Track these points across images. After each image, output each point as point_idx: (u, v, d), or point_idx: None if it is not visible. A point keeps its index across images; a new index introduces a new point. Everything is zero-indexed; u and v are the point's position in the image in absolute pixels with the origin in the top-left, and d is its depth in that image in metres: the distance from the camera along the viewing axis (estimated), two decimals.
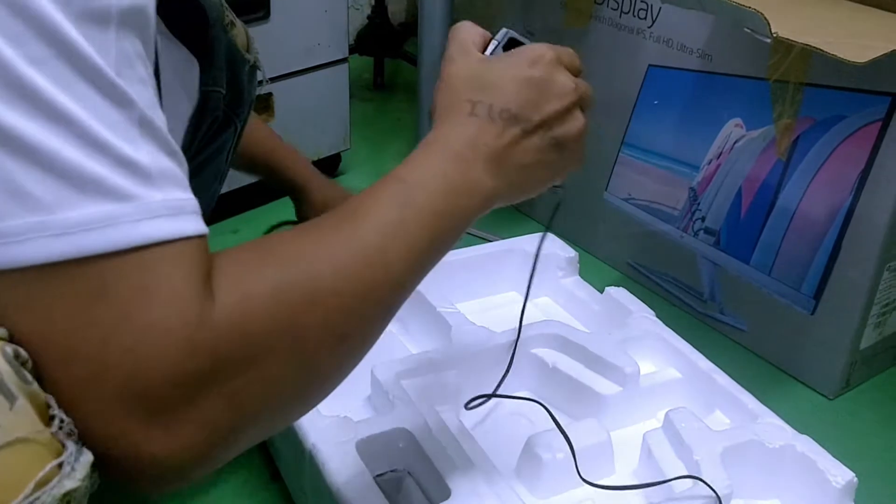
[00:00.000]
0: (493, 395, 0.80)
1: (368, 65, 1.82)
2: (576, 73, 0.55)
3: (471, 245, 1.03)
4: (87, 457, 0.36)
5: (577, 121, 0.54)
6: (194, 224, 0.39)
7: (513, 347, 0.82)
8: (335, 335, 0.42)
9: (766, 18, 0.83)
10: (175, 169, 0.39)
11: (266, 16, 1.21)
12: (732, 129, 1.03)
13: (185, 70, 0.69)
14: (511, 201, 0.54)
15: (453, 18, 1.35)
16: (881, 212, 0.90)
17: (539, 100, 0.52)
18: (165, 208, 0.37)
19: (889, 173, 0.88)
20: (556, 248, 0.99)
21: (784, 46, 0.91)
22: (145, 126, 0.38)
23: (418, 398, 0.75)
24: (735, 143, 1.03)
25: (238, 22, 0.77)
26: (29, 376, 0.35)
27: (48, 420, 0.35)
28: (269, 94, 1.27)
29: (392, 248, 0.44)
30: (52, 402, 0.35)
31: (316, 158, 1.39)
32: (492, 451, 0.72)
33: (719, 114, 1.04)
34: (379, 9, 1.76)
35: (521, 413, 0.83)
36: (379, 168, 1.50)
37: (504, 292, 1.01)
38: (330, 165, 1.44)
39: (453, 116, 0.51)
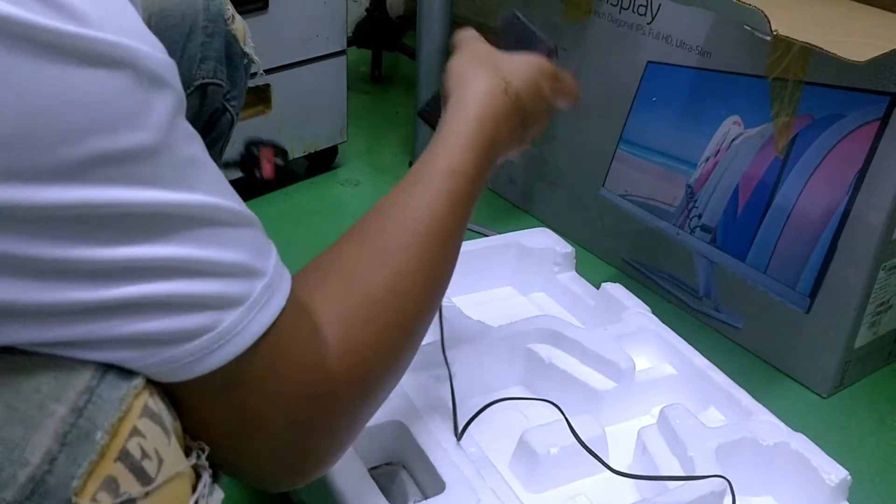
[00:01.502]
0: (506, 399, 0.79)
1: (366, 57, 1.81)
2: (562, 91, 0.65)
3: (468, 240, 1.03)
4: (219, 494, 0.42)
5: (545, 121, 0.64)
6: (287, 279, 0.42)
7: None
8: (417, 339, 0.50)
9: (766, 16, 0.83)
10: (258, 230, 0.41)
11: (265, 6, 1.20)
12: (730, 126, 1.03)
13: None
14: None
15: (452, 12, 1.34)
16: (878, 211, 0.90)
17: (538, 104, 0.61)
18: (262, 294, 0.39)
19: (887, 173, 0.89)
20: (553, 244, 0.99)
21: (784, 44, 0.91)
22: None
23: (413, 391, 0.75)
24: (733, 140, 1.03)
25: (237, 16, 0.77)
26: (174, 412, 0.39)
27: (187, 452, 0.40)
28: (267, 86, 1.27)
29: (438, 242, 0.50)
30: (188, 439, 0.40)
31: (313, 150, 1.38)
32: (486, 445, 0.72)
33: (717, 111, 1.04)
34: (377, 1, 1.76)
35: (514, 407, 0.83)
36: (375, 161, 1.50)
37: (500, 287, 1.01)
38: (327, 158, 1.44)
39: (488, 92, 0.57)
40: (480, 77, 0.57)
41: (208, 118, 0.76)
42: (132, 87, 0.33)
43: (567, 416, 0.74)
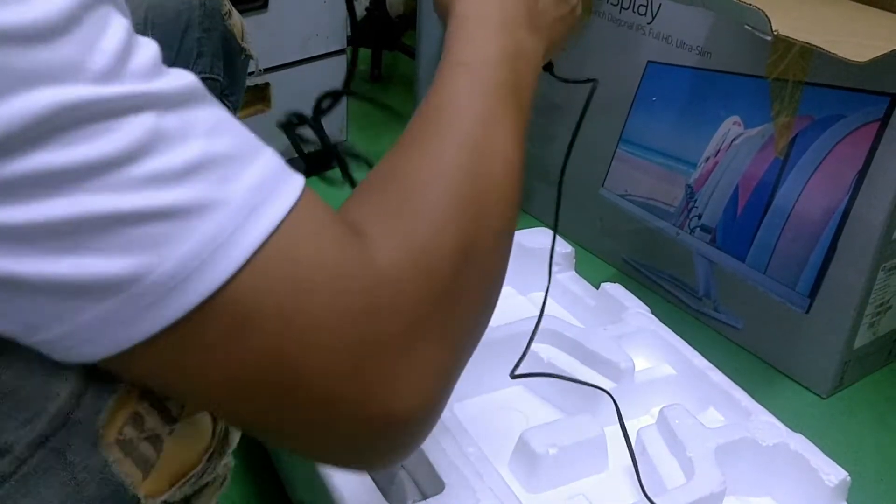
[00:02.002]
0: (555, 375, 0.78)
1: (366, 56, 1.81)
2: None
3: None
4: (236, 435, 0.39)
5: None
6: (294, 175, 0.35)
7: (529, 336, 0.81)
8: (491, 233, 0.41)
9: (766, 16, 0.83)
10: (216, 109, 0.34)
11: (265, 5, 1.20)
12: (730, 126, 1.03)
13: None
14: (550, 55, 0.55)
15: None
16: (877, 212, 0.90)
17: None
18: (252, 196, 0.32)
19: (886, 173, 0.88)
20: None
21: (784, 44, 0.91)
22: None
23: None
24: (733, 140, 1.03)
25: (235, 12, 0.77)
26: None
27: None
28: (267, 84, 1.27)
29: (494, 133, 0.43)
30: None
31: (312, 150, 1.38)
32: (485, 445, 0.72)
33: (717, 111, 1.04)
34: (377, 1, 1.75)
35: (514, 407, 0.83)
36: (375, 161, 1.50)
37: None
38: (326, 157, 1.44)
39: None
40: None
41: None
42: None
43: (564, 415, 0.74)
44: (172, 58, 0.71)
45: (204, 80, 0.73)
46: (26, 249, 0.29)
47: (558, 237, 1.01)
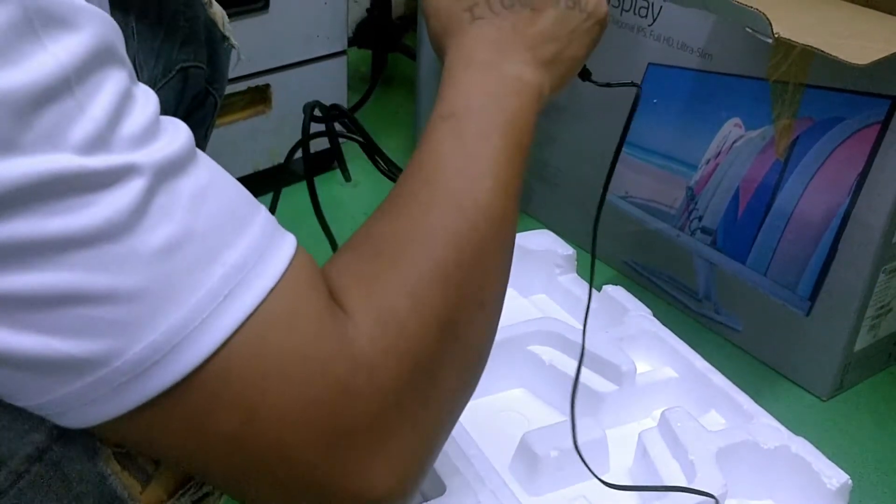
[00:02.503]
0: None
1: (366, 57, 1.81)
2: None
3: None
4: None
5: None
6: (281, 248, 0.34)
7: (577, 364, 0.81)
8: (476, 303, 0.39)
9: (767, 18, 0.83)
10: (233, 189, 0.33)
11: (265, 6, 1.20)
12: (731, 128, 1.03)
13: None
14: (564, 81, 0.50)
15: None
16: (878, 214, 0.90)
17: None
18: (228, 278, 0.31)
19: (887, 176, 0.88)
20: (554, 245, 0.99)
21: (785, 46, 0.91)
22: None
23: None
24: (734, 142, 1.03)
25: (214, 1, 0.78)
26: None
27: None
28: (267, 86, 1.27)
29: (478, 187, 0.41)
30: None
31: (313, 151, 1.38)
32: (487, 447, 0.72)
33: (718, 113, 1.04)
34: (378, 2, 1.75)
35: (515, 409, 0.83)
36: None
37: None
38: (326, 158, 1.44)
39: (458, 33, 0.48)
40: (461, 34, 0.48)
41: (191, 101, 0.77)
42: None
43: (566, 417, 0.74)
44: (157, 47, 0.72)
45: (189, 68, 0.74)
46: None
47: (559, 239, 1.02)
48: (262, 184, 1.28)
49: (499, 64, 0.46)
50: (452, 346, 0.38)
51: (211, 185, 0.33)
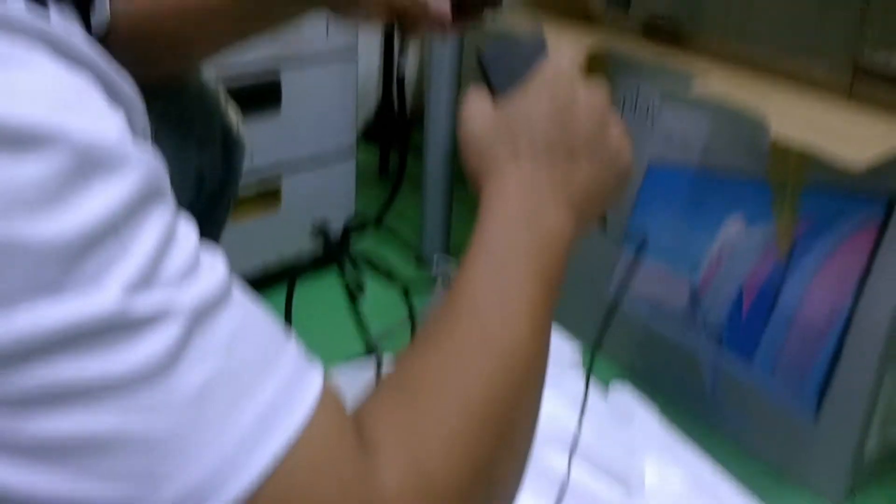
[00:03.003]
0: None
1: (375, 154, 1.85)
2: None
3: None
4: None
5: (614, 128, 0.50)
6: (309, 386, 0.34)
7: None
8: (508, 445, 0.39)
9: (765, 121, 0.86)
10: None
11: (278, 107, 1.24)
12: (733, 227, 1.04)
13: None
14: (587, 228, 0.52)
15: (456, 113, 1.38)
16: (882, 315, 0.90)
17: (572, 123, 0.49)
18: (260, 422, 0.31)
19: (888, 276, 0.89)
20: (560, 342, 0.99)
21: (783, 147, 0.93)
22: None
23: None
24: (736, 242, 1.04)
25: (231, 104, 0.81)
26: None
27: None
28: (278, 184, 1.29)
29: (514, 331, 0.41)
30: None
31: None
32: None
33: (719, 212, 1.05)
34: (386, 100, 1.80)
35: None
36: (381, 262, 1.51)
37: None
38: (334, 253, 1.45)
39: (498, 170, 0.48)
40: (500, 172, 0.48)
41: (207, 202, 0.79)
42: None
43: None
44: (175, 149, 0.74)
45: (205, 169, 0.77)
46: (23, 462, 0.29)
47: (566, 335, 1.02)
48: (269, 280, 1.29)
49: (536, 209, 0.46)
50: (484, 490, 0.37)
51: (244, 324, 0.33)
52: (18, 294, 0.28)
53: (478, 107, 0.50)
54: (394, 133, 1.82)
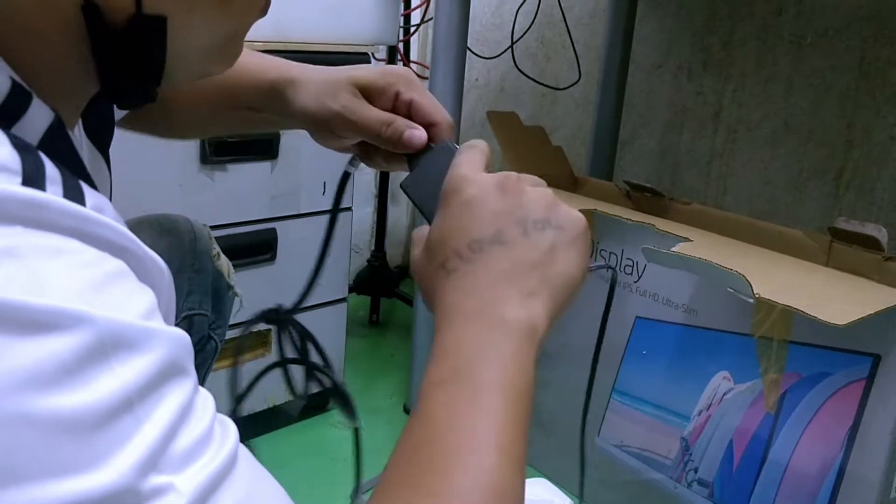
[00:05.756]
0: None
1: (365, 303, 1.87)
2: None
3: None
4: None
5: (534, 194, 0.47)
6: None
7: None
8: None
9: (747, 280, 0.89)
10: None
11: (273, 258, 1.27)
12: (721, 381, 1.05)
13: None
14: (562, 303, 0.48)
15: None
16: (873, 470, 0.90)
17: (513, 206, 0.46)
18: None
19: (877, 431, 0.90)
20: (552, 496, 0.98)
21: (766, 305, 0.96)
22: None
23: None
24: (724, 395, 1.05)
25: (222, 254, 0.84)
26: None
27: None
28: (269, 330, 1.30)
29: (480, 466, 0.37)
30: None
31: (310, 392, 1.40)
32: None
33: (707, 366, 1.07)
34: (378, 252, 1.85)
35: None
36: (370, 403, 1.51)
37: None
38: (323, 399, 1.45)
39: (437, 289, 0.46)
40: (441, 289, 0.45)
41: (194, 346, 0.80)
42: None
43: None
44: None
45: (193, 315, 0.79)
46: None
47: (557, 489, 1.00)
48: (252, 423, 1.28)
49: (481, 312, 0.43)
50: None
51: (249, 493, 0.34)
52: (29, 472, 0.29)
53: (417, 236, 0.49)
54: (383, 283, 1.85)
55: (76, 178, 0.35)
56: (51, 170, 0.33)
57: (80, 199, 0.34)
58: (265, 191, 1.24)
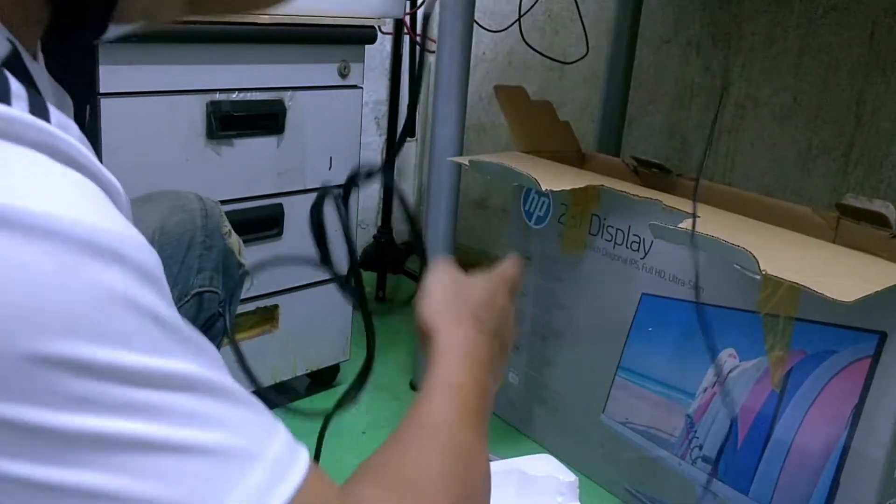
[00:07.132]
0: None
1: (372, 279, 1.88)
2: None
3: None
4: None
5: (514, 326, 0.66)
6: (297, 462, 0.38)
7: None
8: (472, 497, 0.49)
9: (754, 256, 0.88)
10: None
11: (279, 233, 1.27)
12: (726, 358, 1.05)
13: None
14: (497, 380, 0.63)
15: (454, 239, 1.41)
16: (877, 448, 0.90)
17: (506, 322, 0.63)
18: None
19: (882, 409, 0.90)
20: (556, 471, 0.99)
21: (773, 282, 0.96)
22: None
23: None
24: (729, 372, 1.05)
25: (233, 231, 0.84)
26: None
27: None
28: (276, 306, 1.31)
29: (473, 449, 0.52)
30: None
31: (316, 368, 1.40)
32: None
33: (713, 343, 1.07)
34: (385, 228, 1.85)
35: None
36: (376, 379, 1.51)
37: None
38: (328, 375, 1.45)
39: (466, 329, 0.58)
40: (455, 324, 0.59)
41: (204, 323, 0.80)
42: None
43: None
44: (175, 273, 0.76)
45: (204, 292, 0.79)
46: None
47: (561, 465, 1.01)
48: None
49: (486, 371, 0.58)
50: None
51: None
52: (139, 344, 0.32)
53: (440, 277, 0.62)
54: (390, 260, 1.85)
55: (41, 96, 0.35)
56: (16, 86, 0.34)
57: (45, 116, 0.34)
58: (272, 166, 1.23)
